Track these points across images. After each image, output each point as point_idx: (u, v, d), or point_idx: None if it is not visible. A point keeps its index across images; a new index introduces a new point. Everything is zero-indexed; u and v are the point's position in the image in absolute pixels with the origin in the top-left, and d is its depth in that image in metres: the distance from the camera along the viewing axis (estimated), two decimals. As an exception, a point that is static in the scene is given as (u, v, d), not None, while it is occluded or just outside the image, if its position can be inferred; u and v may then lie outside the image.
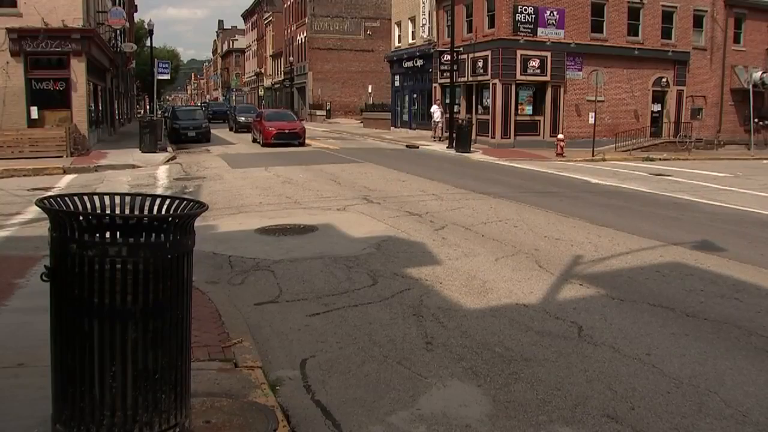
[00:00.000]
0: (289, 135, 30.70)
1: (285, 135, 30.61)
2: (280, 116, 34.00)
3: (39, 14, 24.04)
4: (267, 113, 35.09)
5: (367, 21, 67.76)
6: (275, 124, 31.14)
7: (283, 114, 35.72)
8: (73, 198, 3.84)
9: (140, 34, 64.63)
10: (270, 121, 31.58)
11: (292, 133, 30.86)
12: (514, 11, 31.35)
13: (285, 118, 33.59)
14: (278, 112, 36.95)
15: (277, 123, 31.49)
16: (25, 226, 11.19)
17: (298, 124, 32.56)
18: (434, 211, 12.61)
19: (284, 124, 31.66)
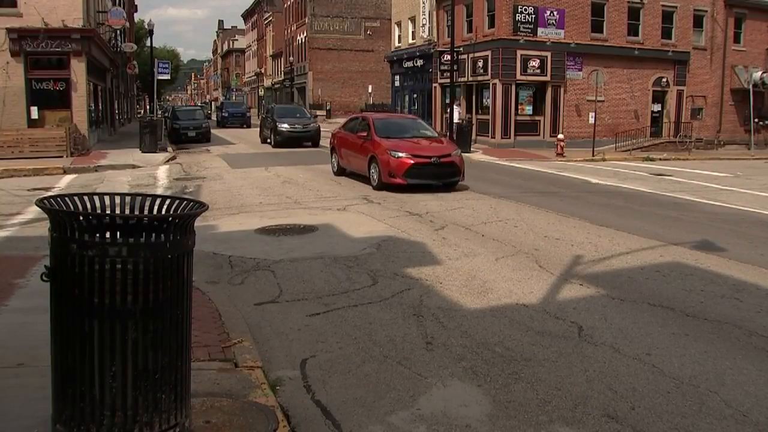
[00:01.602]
0: (439, 168, 15.88)
1: (432, 168, 15.80)
2: (402, 127, 17.89)
3: (39, 14, 24.04)
4: (377, 122, 17.50)
5: (367, 21, 67.78)
6: (403, 146, 16.06)
7: (406, 125, 18.50)
8: (73, 198, 3.84)
9: (140, 34, 64.64)
10: (391, 139, 16.37)
11: (444, 164, 15.91)
12: (514, 11, 31.36)
13: (410, 129, 17.80)
14: (395, 121, 19.25)
15: (408, 144, 16.30)
16: (25, 226, 11.20)
17: (445, 143, 17.79)
18: (434, 211, 12.62)
19: (420, 144, 16.56)
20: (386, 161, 15.43)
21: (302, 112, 33.51)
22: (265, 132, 32.38)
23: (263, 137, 32.64)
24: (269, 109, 34.33)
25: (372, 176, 16.09)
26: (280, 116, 30.49)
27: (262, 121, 34.34)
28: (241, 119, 52.44)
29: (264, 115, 33.73)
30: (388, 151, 15.56)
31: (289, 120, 30.01)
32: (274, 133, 29.65)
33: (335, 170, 18.86)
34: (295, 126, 29.73)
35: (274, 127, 29.77)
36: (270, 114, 31.97)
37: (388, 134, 16.66)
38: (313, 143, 29.78)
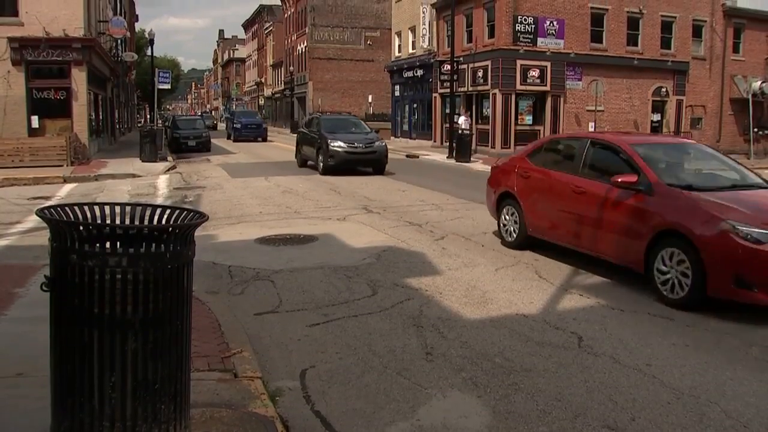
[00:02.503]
0: None
1: None
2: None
3: (40, 24, 24.13)
4: (649, 154, 8.75)
5: (367, 31, 67.93)
6: None
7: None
8: (73, 208, 3.84)
9: (141, 43, 64.80)
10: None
11: None
12: (514, 21, 31.47)
13: None
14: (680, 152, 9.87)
15: None
16: (25, 235, 11.20)
17: None
18: (434, 221, 12.62)
19: None
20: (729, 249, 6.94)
21: (359, 125, 25.03)
22: (305, 152, 24.42)
23: (302, 159, 24.77)
24: (312, 120, 25.37)
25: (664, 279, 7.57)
26: (329, 130, 22.70)
27: (300, 138, 25.43)
28: (256, 131, 45.88)
29: (304, 130, 25.42)
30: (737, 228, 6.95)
31: (344, 136, 22.44)
32: (324, 155, 21.77)
33: (513, 239, 10.32)
34: (354, 145, 21.95)
35: (323, 146, 21.94)
36: (315, 128, 23.90)
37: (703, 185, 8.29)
38: (379, 169, 22.41)
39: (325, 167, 21.63)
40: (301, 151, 24.92)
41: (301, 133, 25.66)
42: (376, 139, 23.05)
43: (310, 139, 23.78)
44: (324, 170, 21.67)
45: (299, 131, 26.14)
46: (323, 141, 21.96)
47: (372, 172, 22.22)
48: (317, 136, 22.73)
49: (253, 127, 46.04)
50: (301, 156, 24.80)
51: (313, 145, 23.21)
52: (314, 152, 22.91)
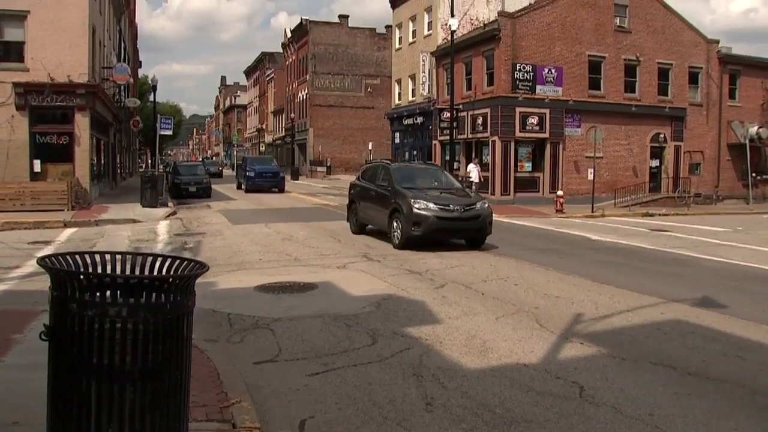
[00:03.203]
0: None
1: None
2: None
3: (45, 69, 24.46)
4: None
5: (367, 78, 68.74)
6: None
7: None
8: (74, 256, 3.86)
9: (144, 89, 65.47)
10: None
11: None
12: (513, 69, 31.85)
13: None
14: None
15: None
16: (24, 279, 11.17)
17: None
18: (434, 269, 12.60)
19: None
20: None
21: (445, 178, 18.28)
22: (366, 214, 18.13)
23: (360, 222, 18.57)
24: (377, 170, 18.53)
25: None
26: (406, 184, 16.55)
27: (357, 193, 18.96)
28: (272, 181, 39.67)
29: (363, 183, 18.85)
30: None
31: (431, 194, 16.03)
32: (405, 220, 15.34)
33: None
34: (448, 207, 15.47)
35: (400, 207, 15.58)
36: (382, 180, 17.47)
37: None
38: (479, 240, 16.18)
39: (407, 238, 15.27)
40: (357, 212, 18.64)
41: (358, 188, 18.95)
42: (478, 199, 16.41)
43: (375, 195, 17.47)
44: (404, 242, 15.32)
45: (354, 184, 19.52)
46: (400, 200, 15.68)
47: (465, 244, 16.14)
48: (388, 192, 16.56)
49: (269, 176, 39.80)
50: (359, 218, 18.54)
51: (380, 204, 16.94)
52: (383, 215, 16.61)
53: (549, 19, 33.00)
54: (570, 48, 33.29)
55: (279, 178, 40.05)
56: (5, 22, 24.81)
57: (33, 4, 24.57)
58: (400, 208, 15.58)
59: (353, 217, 19.02)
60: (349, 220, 19.31)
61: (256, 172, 39.57)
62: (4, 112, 24.46)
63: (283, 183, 40.42)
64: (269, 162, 43.99)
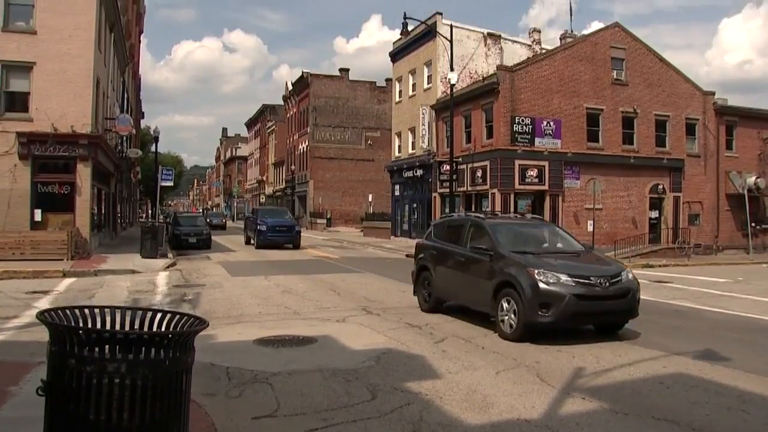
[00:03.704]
0: None
1: None
2: None
3: (49, 119, 24.75)
4: None
5: (367, 131, 69.36)
6: None
7: None
8: (74, 310, 3.85)
9: (146, 139, 65.91)
10: None
11: None
12: (512, 122, 32.17)
13: None
14: None
15: None
16: (22, 330, 11.10)
17: None
18: (434, 323, 12.52)
19: None
20: None
21: (561, 238, 13.61)
22: (453, 285, 13.29)
23: (437, 297, 13.83)
24: (466, 226, 13.54)
25: None
26: (516, 245, 12.20)
27: (434, 256, 14.14)
28: (286, 235, 35.54)
29: (440, 244, 14.10)
30: None
31: (556, 261, 11.61)
32: (526, 300, 10.75)
33: None
34: (587, 279, 11.01)
35: (515, 279, 11.10)
36: (477, 240, 12.82)
37: None
38: (623, 322, 12.02)
39: (530, 325, 10.74)
40: (431, 283, 13.93)
41: (432, 251, 14.24)
42: (620, 267, 12.01)
43: (463, 262, 12.80)
44: (523, 331, 10.77)
45: (423, 245, 14.96)
46: (512, 269, 11.24)
47: (601, 329, 11.81)
48: (487, 258, 11.93)
49: (283, 230, 35.62)
50: (435, 292, 13.77)
51: (475, 274, 12.30)
52: (481, 291, 11.88)
53: (547, 73, 33.47)
54: (568, 101, 33.69)
55: (294, 232, 35.95)
56: (12, 73, 25.19)
57: (39, 55, 24.96)
58: (515, 282, 10.97)
59: (424, 289, 14.21)
60: (417, 293, 14.57)
61: (269, 226, 35.34)
62: (7, 161, 24.64)
63: (298, 238, 36.11)
64: (283, 214, 39.76)
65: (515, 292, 11.00)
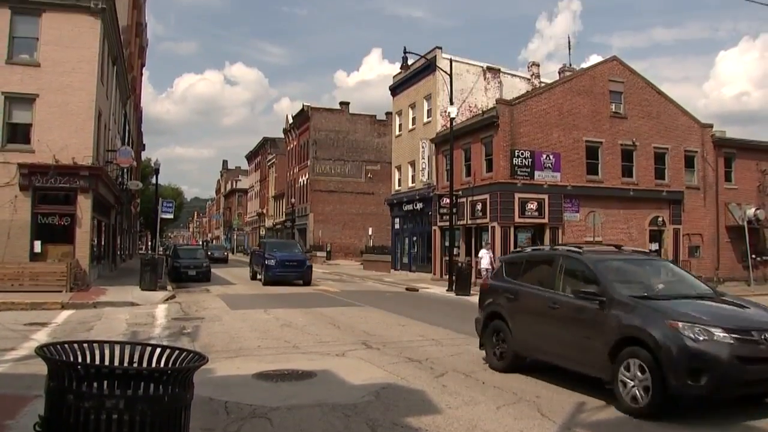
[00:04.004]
0: None
1: None
2: None
3: (51, 151, 24.89)
4: None
5: (368, 164, 69.62)
6: None
7: None
8: (73, 345, 3.83)
9: (146, 171, 66.24)
10: None
11: None
12: (512, 155, 32.30)
13: None
14: None
15: None
16: (19, 362, 11.02)
17: None
18: (434, 357, 12.44)
19: None
20: None
21: (681, 279, 11.08)
22: (536, 339, 10.59)
23: (518, 351, 11.00)
24: (556, 262, 10.72)
25: None
26: (632, 289, 9.59)
27: (507, 303, 11.38)
28: (296, 270, 32.61)
29: (519, 285, 11.33)
30: None
31: (698, 308, 9.00)
32: (664, 363, 8.12)
33: None
34: (748, 334, 8.27)
35: (647, 334, 8.42)
36: (575, 278, 10.26)
37: None
38: None
39: (676, 395, 8.31)
40: (507, 334, 11.15)
41: (507, 294, 11.48)
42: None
43: (557, 309, 10.12)
44: (659, 404, 8.29)
45: (494, 287, 12.14)
46: (641, 321, 8.70)
47: None
48: (595, 305, 9.39)
49: (293, 265, 32.69)
50: (514, 346, 11.00)
51: (578, 326, 9.69)
52: (590, 349, 9.41)
53: (546, 106, 33.70)
54: (567, 134, 33.87)
55: (305, 267, 33.08)
56: (15, 104, 25.37)
57: (42, 87, 25.17)
58: (646, 338, 8.45)
59: (496, 343, 11.38)
60: (486, 346, 11.74)
61: (278, 261, 32.41)
62: (7, 192, 24.71)
63: (309, 273, 33.24)
64: (292, 247, 37.09)
65: (646, 353, 8.37)
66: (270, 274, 31.95)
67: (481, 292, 12.76)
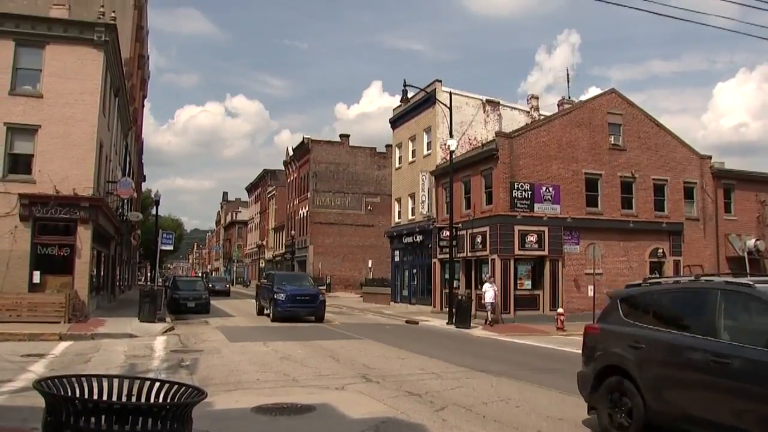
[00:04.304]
0: None
1: None
2: None
3: (52, 182, 24.98)
4: None
5: (367, 197, 69.71)
6: None
7: None
8: (71, 379, 3.81)
9: (146, 203, 66.31)
10: None
11: None
12: (511, 188, 32.35)
13: None
14: None
15: None
16: (15, 394, 10.93)
17: None
18: (434, 391, 12.35)
19: None
20: None
21: None
22: (698, 411, 7.44)
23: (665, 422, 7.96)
24: (740, 302, 7.66)
25: None
26: None
27: (639, 356, 8.45)
28: (309, 306, 30.17)
29: (662, 332, 8.41)
30: None
31: None
32: None
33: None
34: None
35: None
36: None
37: None
38: None
39: None
40: (642, 395, 8.23)
41: (637, 341, 8.67)
42: None
43: (725, 363, 7.18)
44: None
45: (607, 331, 9.47)
46: None
47: None
48: None
49: (305, 300, 30.12)
50: (654, 411, 8.08)
51: (755, 383, 6.78)
52: None
53: (545, 139, 33.82)
54: (567, 166, 33.95)
55: (318, 302, 30.39)
56: (17, 135, 25.51)
57: (44, 118, 25.33)
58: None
59: (616, 408, 8.64)
60: (599, 411, 9.00)
61: (288, 295, 29.72)
62: (8, 222, 24.73)
63: (323, 309, 30.71)
64: (303, 280, 34.55)
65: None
66: (280, 310, 29.45)
67: (587, 337, 9.90)
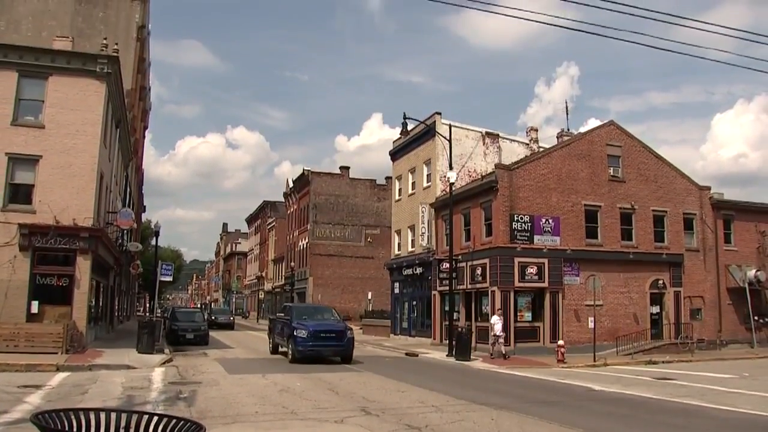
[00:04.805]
0: None
1: None
2: None
3: (52, 212, 25.06)
4: None
5: (367, 228, 69.70)
6: None
7: None
8: (68, 413, 3.78)
9: (146, 233, 66.28)
10: None
11: None
12: (511, 220, 32.36)
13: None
14: None
15: None
16: (11, 426, 10.84)
17: None
18: (434, 424, 12.24)
19: None
20: None
21: None
22: None
23: None
24: None
25: None
26: None
27: None
28: (337, 345, 25.26)
29: None
30: None
31: None
32: None
33: None
34: None
35: None
36: None
37: None
38: None
39: None
40: None
41: None
42: None
43: None
44: None
45: None
46: None
47: None
48: None
49: (331, 337, 25.28)
50: None
51: None
52: None
53: (545, 171, 33.92)
54: (566, 198, 34.01)
55: (346, 339, 25.37)
56: (18, 165, 25.62)
57: (45, 149, 25.46)
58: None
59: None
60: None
61: (311, 332, 24.77)
62: (7, 252, 24.73)
63: (351, 348, 25.64)
64: (325, 313, 28.98)
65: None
66: (301, 349, 24.59)
67: None
